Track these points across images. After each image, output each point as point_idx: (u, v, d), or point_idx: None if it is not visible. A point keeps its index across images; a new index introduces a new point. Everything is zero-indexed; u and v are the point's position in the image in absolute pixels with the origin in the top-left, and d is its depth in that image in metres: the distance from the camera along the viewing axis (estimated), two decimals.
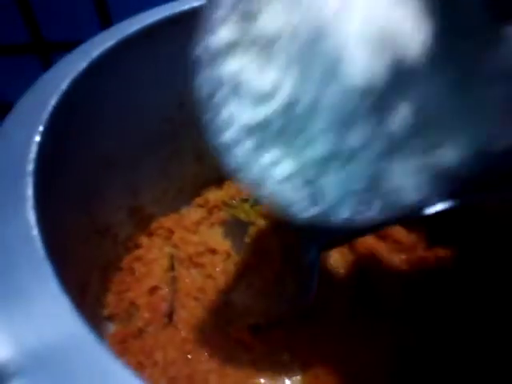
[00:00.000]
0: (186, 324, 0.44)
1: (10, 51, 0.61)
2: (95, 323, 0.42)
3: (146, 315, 0.44)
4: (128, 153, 0.42)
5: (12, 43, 0.60)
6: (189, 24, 0.38)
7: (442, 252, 0.43)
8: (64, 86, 0.28)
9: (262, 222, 0.47)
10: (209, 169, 0.52)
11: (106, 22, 0.58)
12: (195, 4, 0.38)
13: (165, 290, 0.46)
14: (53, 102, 0.27)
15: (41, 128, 0.25)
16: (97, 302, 0.43)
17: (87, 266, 0.40)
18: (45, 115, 0.26)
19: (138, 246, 0.48)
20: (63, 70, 0.29)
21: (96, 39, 0.33)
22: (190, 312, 0.44)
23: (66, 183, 0.34)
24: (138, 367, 0.41)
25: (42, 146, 0.26)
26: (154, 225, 0.50)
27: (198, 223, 0.51)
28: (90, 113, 0.33)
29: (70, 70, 0.29)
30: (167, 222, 0.50)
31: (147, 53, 0.37)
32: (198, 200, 0.52)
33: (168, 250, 0.49)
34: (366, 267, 0.46)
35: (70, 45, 0.35)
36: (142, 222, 0.48)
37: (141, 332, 0.43)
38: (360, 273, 0.46)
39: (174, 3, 0.39)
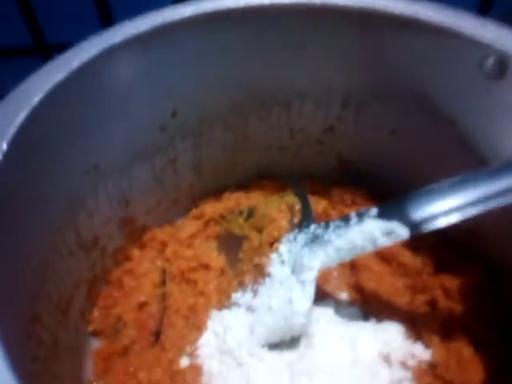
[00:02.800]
0: (174, 344, 0.41)
1: (14, 54, 0.60)
2: (78, 339, 0.40)
3: (133, 332, 0.42)
4: (118, 162, 0.40)
5: (16, 46, 0.59)
6: (184, 31, 0.37)
7: (447, 281, 0.39)
8: (37, 98, 0.27)
9: (255, 236, 0.45)
10: (206, 180, 0.50)
11: (107, 23, 0.57)
12: (188, 13, 0.35)
13: (154, 307, 0.43)
14: (22, 114, 0.25)
15: (4, 144, 0.24)
16: (81, 317, 0.41)
17: (71, 280, 0.39)
18: (12, 129, 0.24)
19: (128, 259, 0.46)
20: (37, 81, 0.28)
21: (81, 46, 0.32)
22: (179, 332, 0.42)
23: (44, 196, 0.33)
24: None
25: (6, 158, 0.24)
26: (147, 236, 0.48)
27: (193, 236, 0.48)
28: (70, 122, 0.32)
29: (44, 81, 0.28)
30: (161, 234, 0.48)
31: (137, 59, 0.35)
32: (195, 212, 0.50)
33: (160, 263, 0.47)
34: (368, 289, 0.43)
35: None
36: (134, 234, 0.46)
37: (126, 350, 0.41)
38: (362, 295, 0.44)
39: (170, 9, 0.37)
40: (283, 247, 0.42)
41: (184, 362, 0.41)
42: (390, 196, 0.49)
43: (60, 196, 0.35)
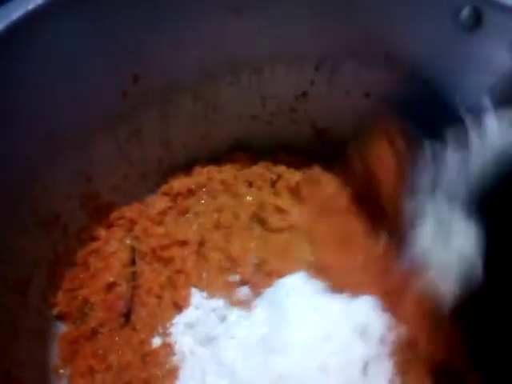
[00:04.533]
0: (146, 324, 0.39)
1: None
2: (41, 322, 0.38)
3: (101, 314, 0.40)
4: (76, 130, 0.37)
5: None
6: None
7: None
8: None
9: None
10: (176, 153, 0.47)
11: None
12: None
13: (123, 287, 0.41)
14: None
15: None
16: (43, 300, 0.38)
17: (29, 259, 0.36)
18: None
19: (94, 239, 0.43)
20: None
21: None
22: (151, 311, 0.40)
23: None
24: (88, 372, 0.37)
25: None
26: (114, 215, 0.45)
27: (164, 213, 0.46)
28: (13, 82, 0.29)
29: None
30: (129, 211, 0.45)
31: (84, 14, 0.32)
32: (164, 188, 0.47)
33: (129, 242, 0.44)
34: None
35: None
36: (99, 212, 0.43)
37: (94, 333, 0.39)
38: None
39: None
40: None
41: (156, 341, 0.39)
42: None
43: (11, 168, 0.33)
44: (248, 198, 0.46)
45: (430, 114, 0.35)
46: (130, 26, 0.35)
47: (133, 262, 0.43)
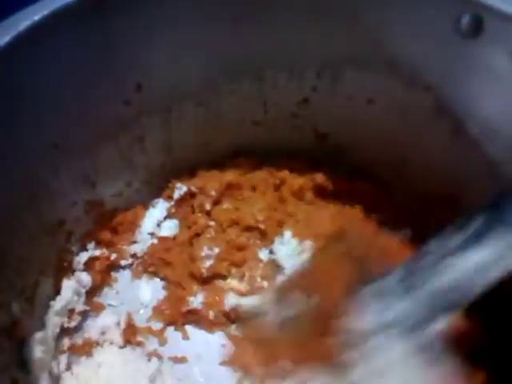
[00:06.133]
0: None
1: None
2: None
3: None
4: (79, 140, 0.37)
5: None
6: None
7: None
8: None
9: None
10: (179, 160, 0.47)
11: None
12: None
13: None
14: None
15: None
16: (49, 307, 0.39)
17: (35, 267, 0.37)
18: None
19: (99, 243, 0.44)
20: None
21: (28, 10, 0.29)
22: None
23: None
24: None
25: None
26: (118, 218, 0.45)
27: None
28: (18, 94, 0.29)
29: None
30: (133, 215, 0.46)
31: (93, 25, 0.32)
32: (168, 192, 0.48)
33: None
34: None
35: None
36: (103, 217, 0.44)
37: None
38: None
39: None
40: None
41: None
42: (368, 170, 0.48)
43: (17, 178, 0.33)
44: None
45: None
46: (133, 37, 0.35)
47: None
